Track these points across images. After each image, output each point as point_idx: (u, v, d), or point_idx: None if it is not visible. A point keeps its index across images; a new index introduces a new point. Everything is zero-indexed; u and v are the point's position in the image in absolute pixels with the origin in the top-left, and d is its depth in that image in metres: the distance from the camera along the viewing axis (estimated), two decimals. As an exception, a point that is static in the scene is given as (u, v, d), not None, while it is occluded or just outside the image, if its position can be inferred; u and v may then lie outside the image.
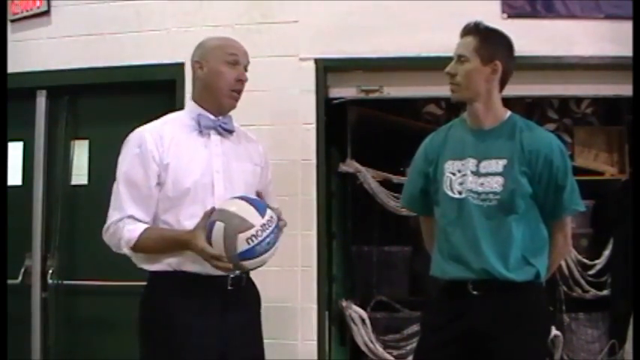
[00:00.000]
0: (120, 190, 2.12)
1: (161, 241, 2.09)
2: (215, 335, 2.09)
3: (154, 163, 2.10)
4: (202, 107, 2.20)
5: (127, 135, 3.50)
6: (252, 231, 1.96)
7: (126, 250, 2.09)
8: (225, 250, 1.95)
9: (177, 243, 2.07)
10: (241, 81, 2.20)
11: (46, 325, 3.51)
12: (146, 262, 2.14)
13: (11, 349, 2.84)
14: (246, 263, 1.98)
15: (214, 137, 2.20)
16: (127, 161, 2.13)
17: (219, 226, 1.98)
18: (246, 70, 2.23)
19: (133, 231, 2.07)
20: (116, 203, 2.12)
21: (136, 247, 2.08)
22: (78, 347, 3.52)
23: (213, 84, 2.19)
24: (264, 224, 1.98)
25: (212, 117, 2.19)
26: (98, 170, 3.59)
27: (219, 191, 2.13)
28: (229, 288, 2.13)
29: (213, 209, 2.03)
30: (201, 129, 2.17)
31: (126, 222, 2.09)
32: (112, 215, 2.11)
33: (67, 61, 3.51)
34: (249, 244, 1.95)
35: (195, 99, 2.23)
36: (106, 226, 2.13)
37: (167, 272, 2.11)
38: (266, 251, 1.98)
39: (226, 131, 2.22)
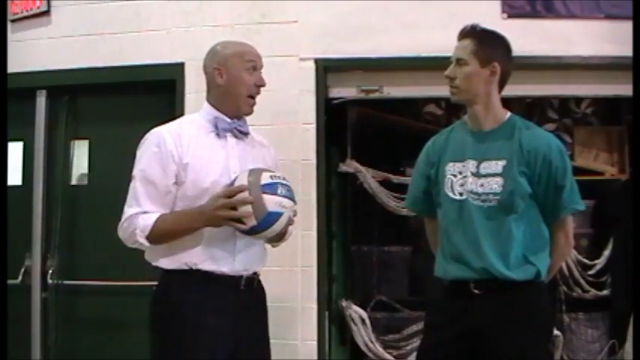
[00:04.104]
0: (137, 188, 2.13)
1: (177, 219, 2.10)
2: (226, 335, 2.11)
3: (172, 163, 2.12)
4: (219, 111, 2.24)
5: (127, 135, 3.50)
6: (276, 173, 2.11)
7: (141, 240, 2.09)
8: (248, 184, 2.02)
9: (194, 211, 2.10)
10: (259, 86, 2.25)
11: (46, 325, 3.51)
12: (163, 258, 2.15)
13: (11, 349, 2.84)
14: (267, 197, 2.01)
15: (230, 139, 2.23)
16: (145, 160, 2.15)
17: (243, 173, 2.08)
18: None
19: (147, 219, 2.09)
20: (132, 200, 2.14)
21: (152, 233, 2.09)
22: (78, 347, 3.52)
23: (234, 90, 2.23)
24: (285, 178, 2.11)
25: (228, 120, 2.23)
26: (98, 170, 3.60)
27: None
28: (242, 288, 2.16)
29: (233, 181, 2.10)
30: (219, 131, 2.20)
31: (140, 216, 2.11)
32: (127, 211, 2.13)
33: (67, 61, 3.51)
34: (272, 179, 2.05)
35: (211, 102, 2.26)
36: (121, 222, 2.14)
37: (183, 271, 2.12)
38: (285, 197, 2.05)
39: (242, 134, 2.25)
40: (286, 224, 2.10)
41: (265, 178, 2.04)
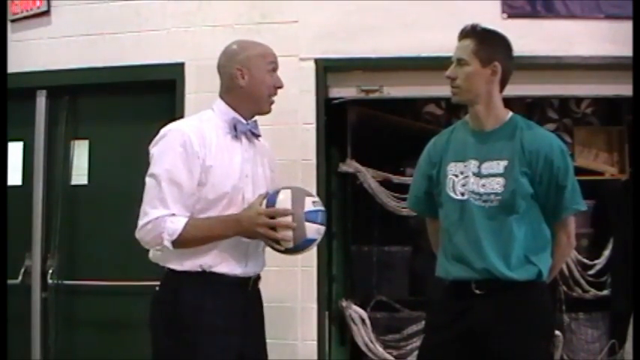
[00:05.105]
0: (163, 189, 2.06)
1: (210, 226, 2.08)
2: (237, 335, 2.13)
3: (197, 164, 2.08)
4: (236, 111, 2.21)
5: (127, 135, 3.52)
6: (315, 198, 2.13)
7: (167, 244, 2.05)
8: (292, 208, 2.04)
9: (230, 219, 2.09)
10: (278, 87, 2.24)
11: (46, 325, 3.51)
12: (175, 260, 2.11)
13: (11, 349, 2.84)
14: (308, 225, 2.05)
15: (244, 141, 2.22)
16: (169, 159, 2.08)
17: (285, 191, 2.08)
18: None
19: (176, 222, 2.05)
20: (156, 201, 2.06)
21: (180, 237, 2.05)
22: (78, 347, 3.52)
23: (256, 92, 2.20)
24: (320, 202, 2.14)
25: (244, 121, 2.22)
26: (98, 170, 3.60)
27: (248, 196, 2.15)
28: (249, 289, 2.19)
29: (267, 192, 2.11)
30: (237, 133, 2.18)
31: (167, 218, 2.05)
32: (151, 212, 2.06)
33: (67, 61, 3.51)
34: (314, 206, 2.08)
35: (228, 102, 2.22)
36: (142, 222, 2.07)
37: (196, 272, 2.11)
38: (322, 225, 2.09)
39: (254, 136, 2.25)
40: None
41: (309, 205, 2.07)
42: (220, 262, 2.11)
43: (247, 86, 2.19)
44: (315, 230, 2.07)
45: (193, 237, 2.06)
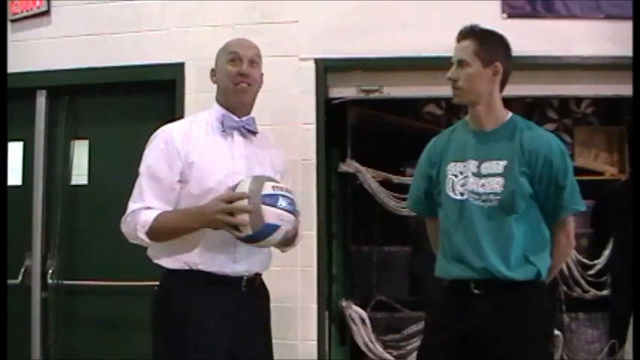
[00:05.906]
0: (142, 183, 2.14)
1: (177, 217, 2.11)
2: (228, 335, 2.12)
3: (178, 160, 2.13)
4: (226, 109, 2.24)
5: (127, 135, 3.53)
6: (279, 184, 2.07)
7: (142, 236, 2.09)
8: (249, 192, 2.00)
9: (194, 211, 2.09)
10: (242, 74, 2.21)
11: (46, 325, 3.51)
12: (164, 257, 2.14)
13: (11, 349, 2.84)
14: (266, 209, 1.99)
15: (237, 139, 2.23)
16: (152, 156, 2.16)
17: (247, 179, 2.06)
18: (255, 62, 2.26)
19: (149, 214, 2.09)
20: (137, 196, 2.14)
21: (152, 229, 2.08)
22: (78, 347, 3.52)
23: (222, 84, 2.25)
24: (289, 190, 2.08)
25: (236, 118, 2.23)
26: (98, 170, 3.60)
27: None
28: (243, 289, 2.17)
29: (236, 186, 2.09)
30: (225, 129, 2.21)
31: (142, 211, 2.11)
32: (131, 206, 2.13)
33: (67, 61, 3.51)
34: (274, 190, 2.02)
35: (218, 101, 2.28)
36: (124, 216, 2.14)
37: (184, 270, 2.12)
38: (284, 210, 2.01)
39: (249, 132, 2.26)
40: (283, 237, 2.07)
41: (267, 189, 2.02)
42: (206, 259, 2.12)
43: (217, 81, 2.27)
44: (274, 215, 2.00)
45: (164, 228, 2.09)
